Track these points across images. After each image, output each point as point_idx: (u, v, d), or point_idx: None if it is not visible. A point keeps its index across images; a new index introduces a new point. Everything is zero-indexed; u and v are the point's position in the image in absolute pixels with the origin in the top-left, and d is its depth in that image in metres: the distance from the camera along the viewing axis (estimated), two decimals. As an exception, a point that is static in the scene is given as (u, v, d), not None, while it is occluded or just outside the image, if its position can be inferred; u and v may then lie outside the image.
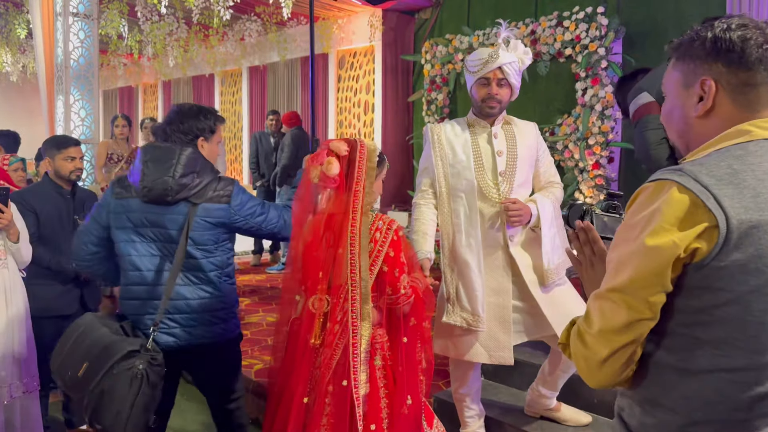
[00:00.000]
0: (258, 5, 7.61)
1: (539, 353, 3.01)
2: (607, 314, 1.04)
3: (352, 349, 1.89)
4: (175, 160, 2.11)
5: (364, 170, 2.00)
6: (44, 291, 2.93)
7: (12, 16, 7.84)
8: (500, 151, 2.41)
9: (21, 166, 3.84)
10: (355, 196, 1.97)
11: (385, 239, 1.96)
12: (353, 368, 1.88)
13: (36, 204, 2.92)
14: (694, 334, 1.02)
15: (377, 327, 1.98)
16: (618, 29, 5.31)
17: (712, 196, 0.97)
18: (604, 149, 5.28)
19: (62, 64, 5.10)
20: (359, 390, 1.90)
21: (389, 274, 1.94)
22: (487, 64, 2.33)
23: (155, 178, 2.10)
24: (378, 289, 1.97)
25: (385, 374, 1.97)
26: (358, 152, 2.00)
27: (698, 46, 1.08)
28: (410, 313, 1.99)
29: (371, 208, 2.04)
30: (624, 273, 1.02)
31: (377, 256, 1.95)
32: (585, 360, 1.07)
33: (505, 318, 2.38)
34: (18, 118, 12.21)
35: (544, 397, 2.69)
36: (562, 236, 2.50)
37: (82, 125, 5.21)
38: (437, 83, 6.85)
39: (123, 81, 12.74)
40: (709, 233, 0.97)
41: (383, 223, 1.99)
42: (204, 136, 2.25)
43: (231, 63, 9.86)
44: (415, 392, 1.97)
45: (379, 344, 1.98)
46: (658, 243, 0.98)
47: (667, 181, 1.01)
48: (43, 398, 2.94)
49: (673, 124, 1.17)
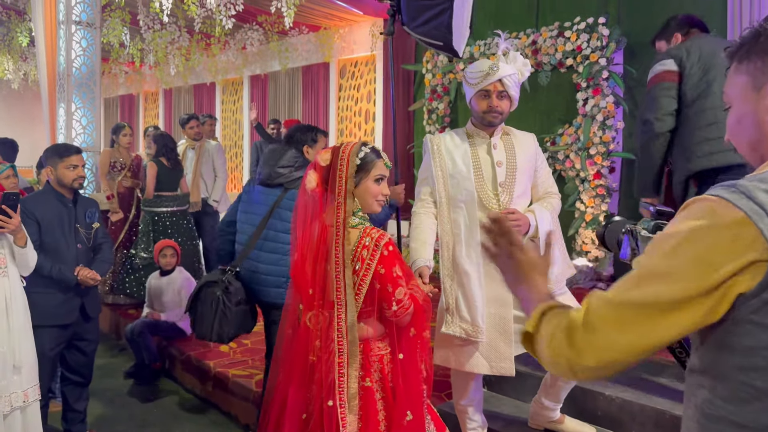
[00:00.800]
0: (260, 14, 7.64)
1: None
2: (618, 327, 0.89)
3: (337, 368, 1.84)
4: (279, 156, 2.89)
5: (344, 178, 1.89)
6: (44, 300, 2.91)
7: (14, 23, 7.86)
8: (500, 162, 2.41)
9: (11, 173, 3.81)
10: (338, 208, 1.89)
11: (373, 257, 1.85)
12: (339, 389, 1.84)
13: (38, 212, 2.92)
14: (751, 382, 0.86)
15: (376, 340, 1.93)
16: (619, 39, 5.32)
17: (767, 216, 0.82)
18: (605, 159, 5.28)
19: (64, 72, 5.11)
20: (345, 410, 1.83)
21: (382, 290, 1.86)
22: (488, 76, 2.33)
23: (267, 168, 2.88)
24: (374, 303, 1.90)
25: (384, 391, 1.91)
26: (339, 160, 1.90)
27: (766, 40, 0.95)
28: (410, 323, 1.94)
29: (360, 220, 1.92)
30: (650, 287, 0.88)
31: (365, 275, 1.85)
32: (567, 361, 0.93)
33: (506, 329, 2.37)
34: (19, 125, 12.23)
35: (548, 409, 2.67)
36: (561, 246, 2.50)
37: (84, 133, 5.21)
38: (438, 92, 6.87)
39: (124, 89, 12.77)
40: (760, 264, 0.83)
41: (371, 239, 1.86)
42: (308, 144, 2.98)
43: (232, 72, 9.89)
44: (417, 407, 1.92)
45: (377, 357, 1.92)
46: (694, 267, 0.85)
47: (714, 198, 0.88)
48: (42, 408, 2.91)
49: (743, 135, 1.02)
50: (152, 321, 4.17)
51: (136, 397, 3.82)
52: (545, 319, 1.00)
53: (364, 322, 1.92)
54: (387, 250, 1.86)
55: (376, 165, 1.94)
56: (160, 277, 4.41)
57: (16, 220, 2.52)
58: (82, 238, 3.05)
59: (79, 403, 3.20)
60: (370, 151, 1.94)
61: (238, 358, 3.91)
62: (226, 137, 10.57)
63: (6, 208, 2.48)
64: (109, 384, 4.00)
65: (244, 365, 3.79)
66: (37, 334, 2.74)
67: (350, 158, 1.90)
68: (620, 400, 2.70)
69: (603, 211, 5.31)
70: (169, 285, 4.35)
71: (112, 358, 4.53)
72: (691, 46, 2.86)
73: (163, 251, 4.38)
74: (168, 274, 4.39)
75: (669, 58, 2.85)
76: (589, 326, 0.92)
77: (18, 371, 2.58)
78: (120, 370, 4.24)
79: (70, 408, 3.19)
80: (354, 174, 1.90)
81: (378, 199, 1.95)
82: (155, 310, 4.33)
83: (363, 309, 1.90)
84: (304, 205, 1.95)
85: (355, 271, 1.86)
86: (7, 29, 8.07)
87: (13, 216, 2.50)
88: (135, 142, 12.02)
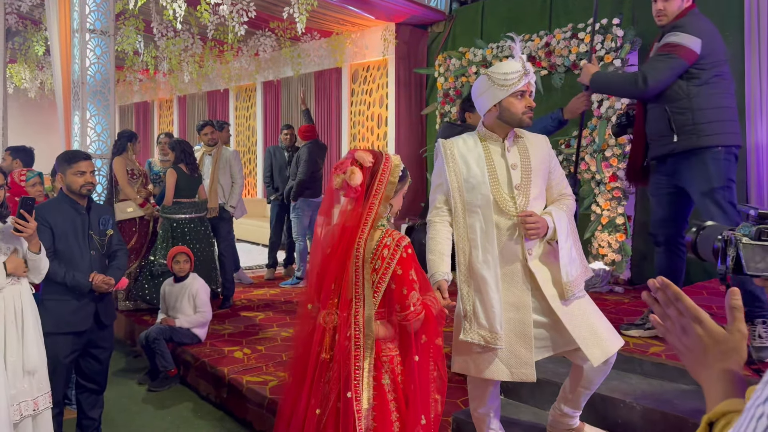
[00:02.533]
0: (272, 21, 7.66)
1: (562, 371, 2.94)
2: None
3: (354, 362, 1.90)
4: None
5: (385, 184, 1.99)
6: (59, 307, 2.92)
7: (30, 33, 7.94)
8: (514, 165, 2.38)
9: (38, 181, 3.85)
10: (369, 209, 1.97)
11: (393, 256, 1.92)
12: (355, 381, 1.89)
13: (51, 219, 2.92)
14: None
15: (387, 341, 1.95)
16: (634, 40, 5.26)
17: None
18: (621, 161, 5.21)
19: (79, 80, 5.14)
20: (361, 404, 1.88)
21: (397, 291, 1.91)
22: (524, 76, 2.33)
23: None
24: (387, 305, 1.95)
25: (396, 392, 1.93)
26: (382, 165, 2.00)
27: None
28: (421, 330, 1.95)
29: (383, 222, 2.02)
30: None
31: (384, 273, 1.91)
32: None
33: (526, 333, 2.33)
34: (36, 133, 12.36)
35: (567, 416, 2.62)
36: (579, 248, 2.46)
37: (98, 140, 5.23)
38: (451, 96, 6.83)
39: (139, 96, 12.87)
40: None
41: (392, 239, 1.94)
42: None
43: (245, 78, 9.93)
44: (429, 412, 1.93)
45: (387, 358, 1.94)
46: None
47: None
48: (57, 416, 2.91)
49: None
50: (167, 327, 4.17)
51: (150, 404, 3.82)
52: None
53: (379, 321, 1.95)
54: (406, 252, 1.93)
55: (406, 181, 2.12)
56: (174, 284, 4.42)
57: (33, 224, 2.54)
58: (95, 245, 3.05)
59: (94, 411, 3.20)
60: (403, 169, 2.08)
61: (253, 365, 3.89)
62: (240, 143, 10.61)
63: (24, 213, 2.50)
64: (123, 391, 4.00)
65: (258, 371, 3.77)
66: (51, 342, 2.75)
67: (394, 168, 2.02)
68: (641, 408, 2.64)
69: (619, 213, 5.23)
70: (182, 291, 4.35)
71: (127, 365, 4.53)
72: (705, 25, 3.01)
73: (176, 258, 4.39)
74: (182, 280, 4.39)
75: (689, 35, 2.88)
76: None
77: (29, 379, 2.58)
78: (134, 376, 4.24)
79: (84, 415, 3.19)
80: (396, 182, 2.02)
81: (398, 210, 2.12)
82: (170, 316, 4.33)
83: (377, 309, 1.94)
84: (333, 200, 2.05)
85: (375, 269, 1.92)
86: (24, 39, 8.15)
87: (30, 220, 2.51)
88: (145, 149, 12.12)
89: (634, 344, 3.20)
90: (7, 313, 2.54)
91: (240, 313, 5.18)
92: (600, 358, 2.29)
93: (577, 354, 2.35)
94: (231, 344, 4.31)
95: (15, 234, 2.51)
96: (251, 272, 6.95)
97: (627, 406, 2.69)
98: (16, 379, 2.54)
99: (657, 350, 3.09)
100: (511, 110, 2.35)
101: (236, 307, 5.38)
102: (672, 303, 0.90)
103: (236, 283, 6.03)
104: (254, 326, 4.79)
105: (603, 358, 2.30)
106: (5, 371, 2.49)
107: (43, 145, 10.41)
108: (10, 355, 2.53)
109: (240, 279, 6.33)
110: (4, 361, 2.51)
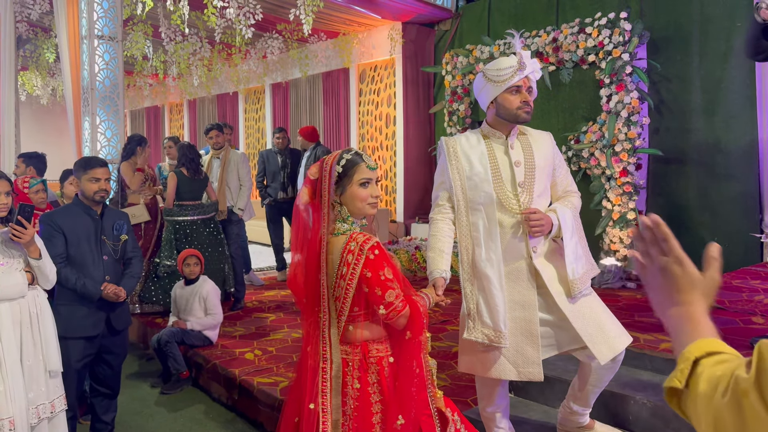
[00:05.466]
0: (279, 23, 7.68)
1: (571, 368, 2.92)
2: None
3: (321, 373, 1.90)
4: None
5: (328, 189, 1.94)
6: (70, 312, 2.95)
7: (41, 41, 8.03)
8: (518, 162, 2.37)
9: (41, 188, 3.88)
10: (321, 219, 1.95)
11: (358, 261, 1.87)
12: (322, 392, 1.89)
13: (64, 225, 2.95)
14: None
15: (374, 342, 1.95)
16: (642, 34, 5.22)
17: None
18: (631, 156, 5.17)
19: (88, 86, 5.19)
20: (327, 415, 1.88)
21: (371, 294, 1.88)
22: (518, 71, 2.30)
23: None
24: (365, 308, 1.93)
25: (382, 394, 1.91)
26: (324, 172, 1.95)
27: None
28: (407, 326, 1.93)
29: (348, 227, 1.95)
30: None
31: (351, 278, 1.88)
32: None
33: (532, 332, 2.31)
34: (49, 140, 12.52)
35: (576, 414, 2.60)
36: (585, 245, 2.44)
37: (108, 145, 5.28)
38: (458, 94, 6.82)
39: (149, 101, 12.98)
40: None
41: (356, 243, 1.88)
42: None
43: (254, 80, 9.97)
44: (407, 411, 1.90)
45: (375, 359, 1.93)
46: None
47: None
48: (70, 419, 2.95)
49: None
50: (178, 330, 4.19)
51: (163, 407, 3.85)
52: (700, 371, 0.77)
53: (356, 324, 1.94)
54: (372, 253, 1.88)
55: (358, 169, 1.94)
56: (184, 287, 4.45)
57: (31, 231, 2.56)
58: (108, 250, 3.07)
59: (107, 415, 3.23)
60: (351, 156, 1.95)
61: (264, 366, 3.91)
62: (249, 146, 10.66)
63: (21, 219, 2.52)
64: (136, 393, 4.04)
65: (269, 372, 3.79)
66: (63, 346, 2.78)
67: (332, 168, 1.93)
68: (652, 405, 2.62)
69: (630, 209, 5.19)
70: (193, 294, 4.38)
71: (140, 368, 4.57)
72: None
73: (186, 260, 4.41)
74: (192, 283, 4.42)
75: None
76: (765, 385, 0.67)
77: (46, 382, 2.62)
78: (147, 379, 4.28)
79: (98, 419, 3.22)
80: (336, 183, 1.93)
81: (369, 202, 1.96)
82: (181, 319, 4.37)
83: (354, 313, 1.92)
84: (298, 219, 2.00)
85: (342, 275, 1.90)
86: (35, 46, 8.25)
87: (28, 227, 2.54)
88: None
89: (644, 340, 3.17)
90: (23, 318, 2.57)
91: (251, 315, 5.20)
92: (608, 356, 2.27)
93: (585, 352, 2.33)
94: (242, 346, 4.33)
95: (13, 240, 2.53)
96: (262, 274, 6.98)
97: (638, 403, 2.67)
98: (33, 382, 2.58)
99: (668, 346, 3.06)
100: (506, 106, 2.34)
101: (247, 309, 5.40)
102: (658, 243, 0.92)
103: (247, 284, 6.05)
104: (265, 328, 4.81)
105: (611, 355, 2.28)
106: (23, 375, 2.53)
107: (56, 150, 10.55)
108: (26, 359, 2.57)
109: (251, 281, 6.35)
110: (21, 365, 2.54)
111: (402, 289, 1.92)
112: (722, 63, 5.06)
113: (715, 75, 5.13)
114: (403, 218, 7.85)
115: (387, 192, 8.13)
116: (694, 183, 5.26)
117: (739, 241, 4.97)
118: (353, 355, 1.93)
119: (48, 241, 2.84)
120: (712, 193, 5.16)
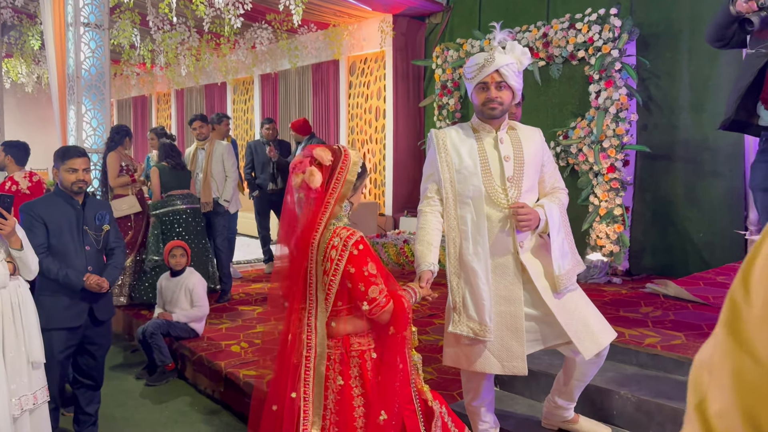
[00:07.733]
0: (269, 13, 7.62)
1: (557, 362, 2.94)
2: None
3: (304, 362, 1.91)
4: None
5: (342, 182, 1.95)
6: (53, 302, 2.92)
7: (26, 27, 7.91)
8: (507, 156, 2.37)
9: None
10: (324, 208, 1.94)
11: (341, 256, 1.88)
12: (304, 381, 1.91)
13: (45, 215, 2.91)
14: None
15: (356, 336, 1.95)
16: (631, 30, 5.23)
17: None
18: (619, 152, 5.19)
19: (74, 74, 5.12)
20: (309, 404, 1.90)
21: (354, 289, 1.89)
22: (483, 68, 2.30)
23: None
24: (348, 302, 1.94)
25: (364, 387, 1.91)
26: (340, 162, 1.96)
27: None
28: (390, 321, 1.93)
29: (337, 221, 1.97)
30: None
31: (335, 274, 1.88)
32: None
33: (518, 327, 2.32)
34: (33, 128, 12.37)
35: (561, 408, 2.62)
36: (571, 242, 2.45)
37: (94, 135, 5.22)
38: (449, 88, 6.81)
39: (137, 90, 12.84)
40: None
41: (340, 239, 1.89)
42: None
43: (243, 71, 9.89)
44: (391, 406, 1.90)
45: (357, 352, 1.94)
46: None
47: None
48: (53, 411, 2.92)
49: None
50: (164, 322, 4.16)
51: (148, 399, 3.82)
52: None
53: (338, 319, 1.94)
54: (356, 249, 1.89)
55: (364, 179, 2.06)
56: (170, 278, 4.41)
57: (12, 221, 2.52)
58: (90, 240, 3.03)
59: (91, 406, 3.20)
60: (363, 163, 2.04)
61: (250, 358, 3.89)
62: (238, 137, 10.58)
63: (2, 210, 2.48)
64: (121, 385, 4.01)
65: (256, 365, 3.77)
66: (45, 337, 2.75)
67: (353, 166, 1.96)
68: (636, 399, 2.64)
69: (617, 204, 5.22)
70: (179, 285, 4.35)
71: (125, 360, 4.54)
72: None
73: (172, 251, 4.38)
74: (178, 274, 4.38)
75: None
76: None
77: (28, 373, 2.59)
78: (132, 371, 4.25)
79: (81, 411, 3.19)
80: (354, 180, 1.98)
81: (356, 208, 2.06)
82: (166, 310, 4.33)
83: (337, 308, 1.93)
84: (294, 201, 1.98)
85: (325, 271, 1.90)
86: (19, 33, 8.12)
87: (8, 217, 2.50)
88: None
89: (629, 335, 3.20)
90: (4, 309, 2.54)
91: (237, 307, 5.18)
92: (592, 351, 2.28)
93: (570, 347, 2.34)
94: (228, 338, 4.31)
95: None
96: (249, 266, 6.95)
97: (622, 398, 2.69)
98: (15, 373, 2.55)
99: (653, 341, 3.09)
100: (475, 102, 2.38)
101: (234, 301, 5.38)
102: None
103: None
104: (252, 320, 4.79)
105: (595, 351, 2.29)
106: (5, 366, 2.50)
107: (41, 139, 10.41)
108: (8, 350, 2.54)
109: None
110: (3, 356, 2.51)
111: (386, 284, 1.92)
112: (711, 61, 5.09)
113: (704, 72, 5.15)
114: (391, 212, 7.85)
115: (376, 185, 8.11)
116: (681, 179, 5.30)
117: (724, 238, 5.01)
118: (335, 349, 1.94)
119: (29, 230, 2.80)
120: (698, 190, 5.20)
